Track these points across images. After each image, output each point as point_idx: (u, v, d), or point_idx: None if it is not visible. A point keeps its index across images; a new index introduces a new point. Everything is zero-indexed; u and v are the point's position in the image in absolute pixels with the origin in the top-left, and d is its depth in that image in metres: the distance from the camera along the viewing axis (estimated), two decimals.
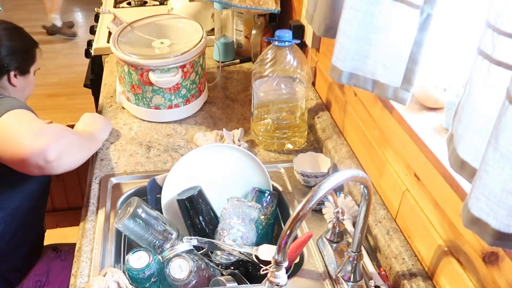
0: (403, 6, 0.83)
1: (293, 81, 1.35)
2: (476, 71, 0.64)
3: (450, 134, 0.75)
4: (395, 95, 0.91)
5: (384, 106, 1.06)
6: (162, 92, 1.50)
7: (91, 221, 1.17)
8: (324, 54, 1.49)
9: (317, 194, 0.75)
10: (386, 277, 1.00)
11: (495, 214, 0.59)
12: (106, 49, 1.89)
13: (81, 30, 4.83)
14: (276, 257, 0.78)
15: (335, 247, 1.06)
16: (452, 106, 0.87)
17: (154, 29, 1.61)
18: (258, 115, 1.44)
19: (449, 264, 0.86)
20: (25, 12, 5.17)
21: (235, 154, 1.23)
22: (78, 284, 1.02)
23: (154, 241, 1.05)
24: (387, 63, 0.90)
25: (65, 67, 4.18)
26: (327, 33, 1.12)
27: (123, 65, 1.48)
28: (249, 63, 1.91)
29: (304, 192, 1.27)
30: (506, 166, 0.57)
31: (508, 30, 0.56)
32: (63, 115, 3.34)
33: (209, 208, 1.14)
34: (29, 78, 1.49)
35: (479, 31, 0.62)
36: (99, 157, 1.39)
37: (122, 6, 2.40)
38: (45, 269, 1.55)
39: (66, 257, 1.59)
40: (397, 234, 1.02)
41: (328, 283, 1.03)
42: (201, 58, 1.54)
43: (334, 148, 1.32)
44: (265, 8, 1.68)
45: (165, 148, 1.43)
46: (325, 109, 1.48)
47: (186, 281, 0.97)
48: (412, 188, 0.98)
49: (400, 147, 1.01)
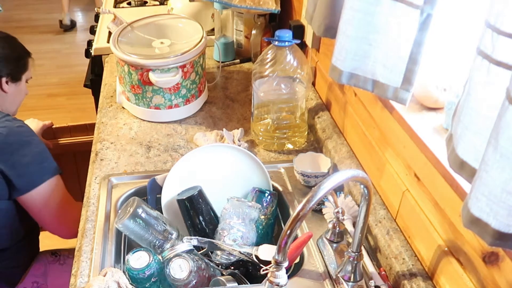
0: (403, 6, 0.83)
1: (293, 81, 1.35)
2: (475, 71, 0.64)
3: (450, 134, 0.75)
4: (395, 95, 0.91)
5: (384, 106, 1.06)
6: (162, 92, 1.50)
7: (91, 221, 1.17)
8: (324, 54, 1.49)
9: (317, 194, 0.75)
10: (386, 277, 1.00)
11: (495, 214, 0.59)
12: (106, 49, 1.89)
13: (81, 30, 4.83)
14: (276, 257, 0.78)
15: (335, 247, 1.06)
16: (452, 106, 0.87)
17: (154, 29, 1.61)
18: (258, 115, 1.44)
19: (449, 264, 0.86)
20: (25, 12, 5.17)
21: (235, 154, 1.23)
22: (78, 284, 1.02)
23: (154, 241, 1.05)
24: (387, 63, 0.90)
25: (65, 67, 4.18)
26: (327, 33, 1.12)
27: (123, 65, 1.48)
28: (249, 63, 1.91)
29: (304, 192, 1.27)
30: (506, 166, 0.57)
31: (508, 30, 0.56)
32: (63, 115, 3.35)
33: (209, 208, 1.14)
34: (21, 86, 1.55)
35: (479, 31, 0.62)
36: (99, 157, 1.39)
37: (122, 6, 2.40)
38: (43, 269, 1.55)
39: (65, 261, 1.60)
40: (397, 234, 1.02)
41: (328, 283, 1.03)
42: (201, 58, 1.54)
43: (334, 148, 1.32)
44: (265, 8, 1.68)
45: (165, 148, 1.43)
46: (325, 109, 1.48)
47: (186, 281, 0.97)
48: (412, 188, 0.98)
49: (400, 147, 1.01)
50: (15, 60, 1.52)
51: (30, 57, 1.58)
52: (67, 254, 1.61)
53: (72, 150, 1.94)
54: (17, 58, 1.53)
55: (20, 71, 1.54)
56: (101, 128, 1.52)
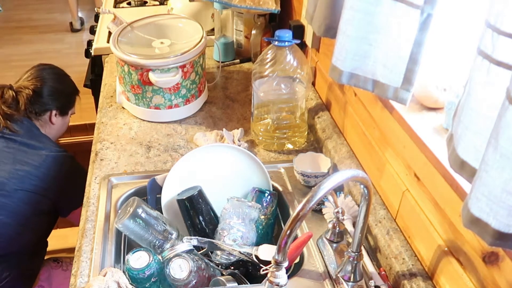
0: (403, 6, 0.83)
1: (293, 81, 1.35)
2: (476, 71, 0.64)
3: (450, 134, 0.75)
4: (395, 95, 0.91)
5: (384, 106, 1.06)
6: (162, 92, 1.50)
7: (91, 221, 1.17)
8: (324, 54, 1.49)
9: (317, 194, 0.75)
10: (386, 277, 1.00)
11: (495, 214, 0.59)
12: (106, 49, 1.89)
13: (81, 30, 4.83)
14: (276, 257, 0.78)
15: (335, 247, 1.06)
16: (452, 106, 0.87)
17: (154, 29, 1.61)
18: (258, 115, 1.44)
19: (449, 264, 0.86)
20: (25, 12, 5.17)
21: (235, 154, 1.23)
22: (78, 284, 1.02)
23: (154, 241, 1.05)
24: (387, 63, 0.90)
25: (65, 67, 4.16)
26: (327, 33, 1.12)
27: (123, 65, 1.48)
28: (249, 63, 1.91)
29: (304, 192, 1.27)
30: (506, 166, 0.57)
31: (508, 30, 0.56)
32: None
33: (209, 208, 1.14)
34: (66, 119, 1.74)
35: (479, 31, 0.62)
36: (99, 157, 1.39)
37: (122, 6, 2.40)
38: (47, 275, 1.59)
39: (68, 267, 1.63)
40: (397, 234, 1.02)
41: (328, 283, 1.03)
42: (201, 58, 1.54)
43: (334, 148, 1.32)
44: (265, 8, 1.68)
45: (165, 148, 1.43)
46: (325, 109, 1.48)
47: (186, 281, 0.97)
48: (412, 188, 0.98)
49: (400, 147, 1.01)
50: (67, 96, 1.71)
51: (78, 95, 1.78)
52: (69, 261, 1.65)
53: (72, 150, 1.94)
54: (68, 94, 1.72)
55: (69, 106, 1.72)
56: (101, 128, 1.52)
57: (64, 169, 1.55)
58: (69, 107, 1.73)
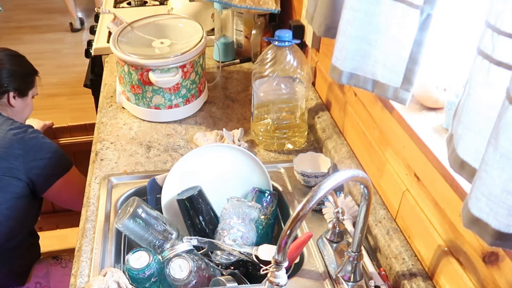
0: (403, 6, 0.83)
1: (293, 81, 1.35)
2: (476, 71, 0.64)
3: (450, 134, 0.75)
4: (395, 95, 0.91)
5: (384, 106, 1.06)
6: (162, 92, 1.50)
7: (91, 221, 1.17)
8: (324, 54, 1.49)
9: (317, 194, 0.75)
10: (386, 277, 1.00)
11: (495, 214, 0.59)
12: (106, 49, 1.89)
13: (81, 30, 4.83)
14: (276, 257, 0.78)
15: (335, 247, 1.06)
16: (452, 106, 0.87)
17: (154, 29, 1.61)
18: (258, 115, 1.44)
19: (449, 264, 0.86)
20: (25, 12, 5.17)
21: (235, 154, 1.23)
22: (78, 284, 1.02)
23: (154, 241, 1.05)
24: (387, 63, 0.90)
25: (65, 67, 4.18)
26: (327, 33, 1.12)
27: (123, 65, 1.48)
28: (249, 63, 1.91)
29: (304, 192, 1.27)
30: (506, 166, 0.57)
31: (508, 30, 0.56)
32: (63, 115, 3.35)
33: (209, 208, 1.14)
34: (27, 101, 1.68)
35: (479, 31, 0.62)
36: (99, 157, 1.39)
37: (122, 6, 2.40)
38: (45, 271, 1.57)
39: (67, 264, 1.62)
40: (397, 234, 1.02)
41: (328, 283, 1.03)
42: (201, 58, 1.54)
43: (334, 148, 1.32)
44: (265, 8, 1.68)
45: (165, 148, 1.43)
46: (325, 109, 1.48)
47: (186, 281, 0.97)
48: (412, 188, 0.98)
49: (400, 147, 1.01)
50: (23, 76, 1.64)
51: (37, 75, 1.70)
52: (68, 258, 1.64)
53: (72, 150, 1.94)
54: (25, 75, 1.65)
55: (27, 87, 1.66)
56: (101, 128, 1.52)
57: (28, 144, 1.45)
58: (28, 88, 1.66)
